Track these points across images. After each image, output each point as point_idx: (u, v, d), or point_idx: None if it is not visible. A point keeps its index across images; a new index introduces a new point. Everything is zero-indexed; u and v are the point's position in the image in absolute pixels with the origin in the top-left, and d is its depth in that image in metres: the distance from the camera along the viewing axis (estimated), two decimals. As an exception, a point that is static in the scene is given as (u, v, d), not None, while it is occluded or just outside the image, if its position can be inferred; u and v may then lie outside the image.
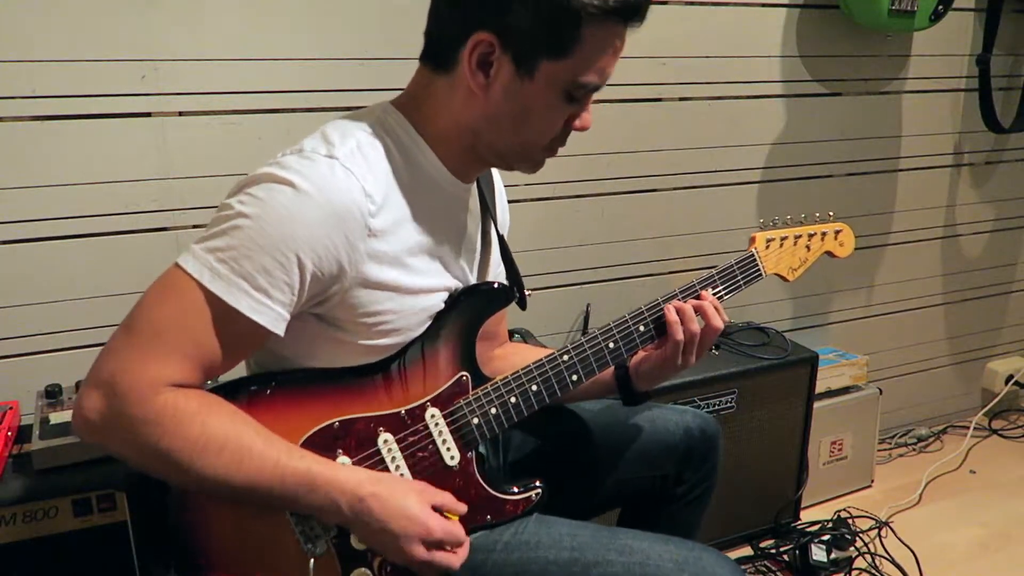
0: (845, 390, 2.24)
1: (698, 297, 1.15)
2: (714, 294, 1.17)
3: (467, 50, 0.93)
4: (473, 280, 1.14)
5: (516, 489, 1.09)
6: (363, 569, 1.00)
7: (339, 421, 0.99)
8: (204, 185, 1.59)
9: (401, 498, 0.94)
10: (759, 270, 1.22)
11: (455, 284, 1.08)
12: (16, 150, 1.46)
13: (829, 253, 1.30)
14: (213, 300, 0.87)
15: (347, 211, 0.91)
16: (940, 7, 2.08)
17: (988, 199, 2.59)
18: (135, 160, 1.54)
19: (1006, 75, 2.46)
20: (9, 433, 1.36)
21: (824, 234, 1.28)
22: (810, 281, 2.35)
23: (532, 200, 1.93)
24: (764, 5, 2.06)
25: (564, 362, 1.10)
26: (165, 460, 0.87)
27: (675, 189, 2.08)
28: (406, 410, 1.03)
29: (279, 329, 0.91)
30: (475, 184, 1.15)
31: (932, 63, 2.33)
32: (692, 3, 1.98)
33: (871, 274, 2.47)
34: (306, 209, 0.88)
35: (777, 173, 2.21)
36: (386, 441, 1.01)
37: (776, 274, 1.24)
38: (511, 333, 1.82)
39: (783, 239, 1.23)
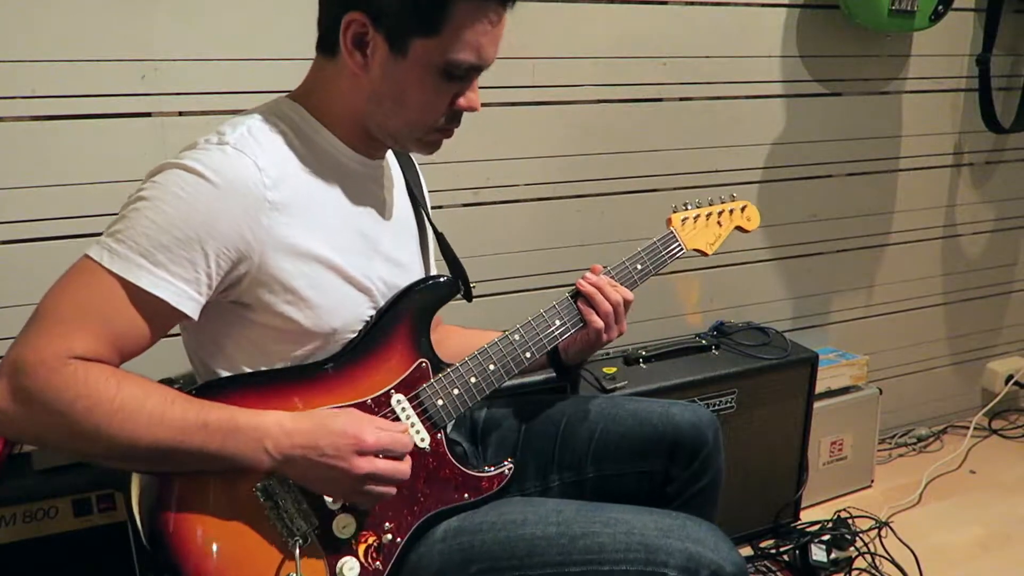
0: (845, 390, 2.24)
1: (628, 283, 1.26)
2: (641, 268, 1.29)
3: (342, 30, 0.96)
4: (419, 262, 1.19)
5: (490, 467, 1.14)
6: (348, 558, 1.00)
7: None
8: (204, 185, 1.59)
9: (327, 418, 0.95)
10: (680, 245, 1.35)
11: (384, 260, 1.10)
12: (16, 150, 1.46)
13: (739, 228, 1.44)
14: (115, 279, 0.88)
15: (243, 185, 0.93)
16: (940, 7, 2.08)
17: (988, 199, 2.59)
18: (135, 160, 1.54)
19: (1006, 75, 2.46)
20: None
21: (732, 211, 1.43)
22: (810, 281, 2.35)
23: (532, 200, 1.93)
24: (764, 5, 2.06)
25: (516, 342, 1.16)
26: (81, 424, 0.85)
27: (675, 189, 2.08)
28: (371, 398, 1.05)
29: (186, 307, 0.91)
30: (395, 168, 1.19)
31: (932, 63, 2.33)
32: (692, 3, 1.98)
33: (871, 274, 2.47)
34: (202, 189, 0.90)
35: (777, 173, 2.21)
36: (347, 408, 1.02)
37: (695, 249, 1.38)
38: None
39: (696, 217, 1.38)
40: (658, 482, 1.24)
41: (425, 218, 1.24)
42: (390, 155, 1.19)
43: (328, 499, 1.00)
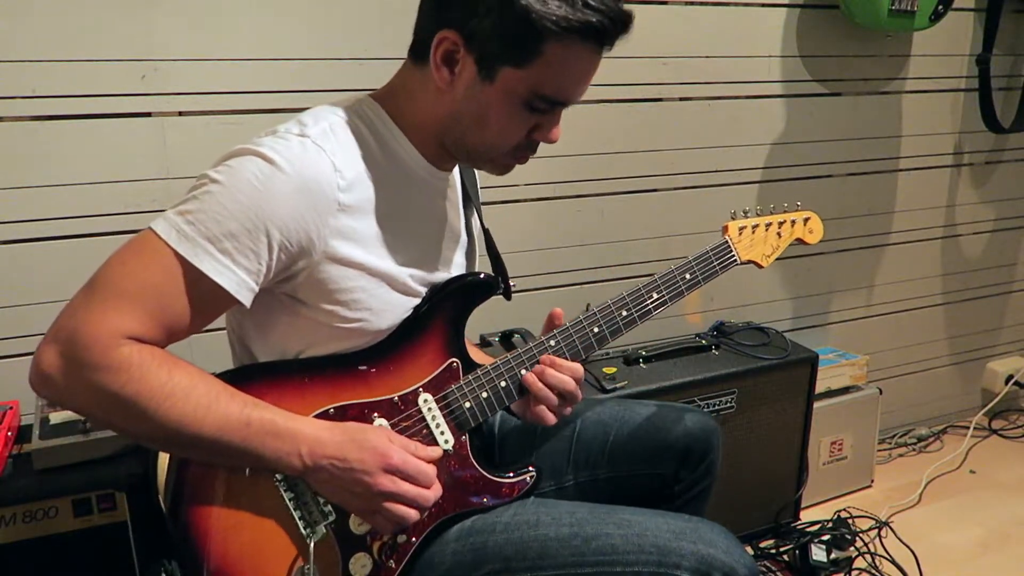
0: (845, 390, 2.24)
1: (674, 292, 1.19)
2: (691, 278, 1.20)
3: (434, 44, 0.96)
4: (461, 268, 1.17)
5: (511, 472, 1.12)
6: (362, 554, 1.01)
7: (334, 407, 1.00)
8: (204, 185, 1.59)
9: (358, 433, 0.96)
10: (734, 256, 1.26)
11: (435, 271, 1.09)
12: (16, 150, 1.46)
13: (800, 240, 1.34)
14: (178, 259, 0.89)
15: (316, 184, 0.93)
16: (940, 7, 2.08)
17: (988, 199, 2.59)
18: (135, 160, 1.54)
19: (1006, 75, 2.46)
20: (9, 433, 1.36)
21: (794, 222, 1.33)
22: (810, 281, 2.35)
23: (532, 200, 1.93)
24: (764, 5, 2.06)
25: (551, 347, 1.13)
26: (129, 406, 0.87)
27: (675, 189, 2.09)
28: (399, 396, 1.05)
29: (243, 296, 0.92)
30: (457, 176, 1.18)
31: (932, 63, 2.33)
32: (692, 3, 1.98)
33: (871, 274, 2.47)
34: (277, 180, 0.90)
35: (777, 173, 2.21)
36: (381, 426, 1.02)
37: (750, 260, 1.28)
38: (511, 333, 1.82)
39: (754, 227, 1.28)
40: (668, 483, 1.29)
41: (476, 219, 1.23)
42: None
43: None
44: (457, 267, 1.17)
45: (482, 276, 1.14)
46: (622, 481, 1.28)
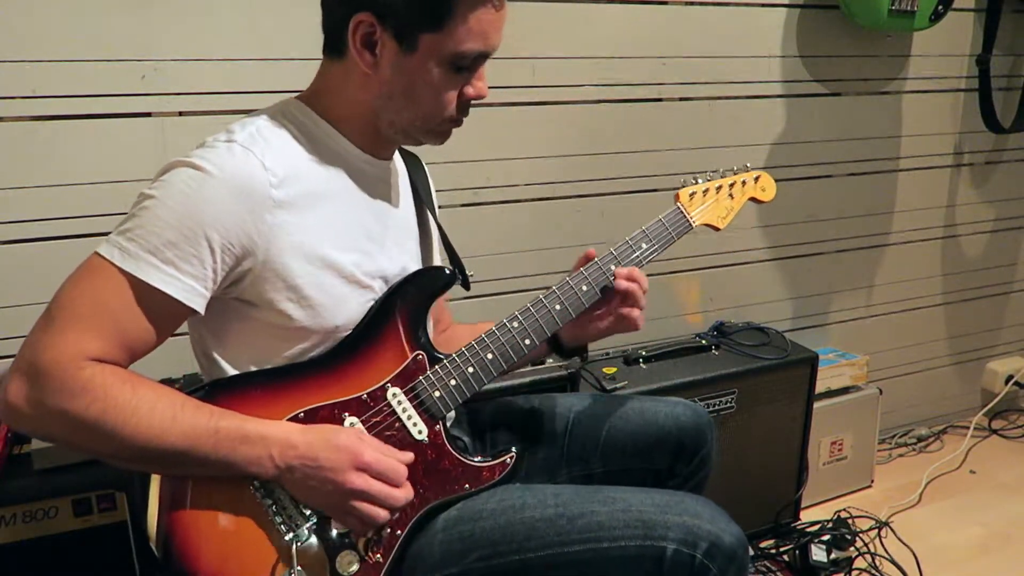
0: (845, 390, 2.24)
1: (632, 262, 1.23)
2: (647, 247, 1.24)
3: (350, 31, 0.98)
4: (417, 262, 1.18)
5: (490, 455, 1.12)
6: (348, 551, 1.01)
7: (304, 411, 1.01)
8: (204, 185, 1.59)
9: (329, 433, 0.97)
10: (687, 222, 1.28)
11: (385, 260, 1.10)
12: (16, 150, 1.46)
13: (753, 199, 1.35)
14: (125, 277, 0.90)
15: (248, 183, 0.94)
16: (940, 7, 2.08)
17: (988, 199, 2.59)
18: (135, 160, 1.54)
19: (1006, 75, 2.46)
20: (9, 433, 1.36)
21: (744, 182, 1.33)
22: (810, 281, 2.35)
23: (532, 200, 1.93)
24: (764, 5, 2.06)
25: (515, 328, 1.14)
26: (96, 427, 0.88)
27: (675, 189, 2.08)
28: (367, 393, 1.05)
29: (194, 303, 0.93)
30: (401, 168, 1.20)
31: (932, 63, 2.33)
32: (692, 3, 1.98)
33: (871, 274, 2.47)
34: (208, 186, 0.92)
35: (777, 173, 2.19)
36: (352, 424, 1.03)
37: (706, 224, 1.30)
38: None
39: (705, 191, 1.29)
40: (661, 477, 1.29)
41: (430, 217, 1.24)
42: (396, 156, 1.20)
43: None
44: (411, 255, 1.17)
45: (435, 268, 1.16)
46: (616, 476, 1.29)
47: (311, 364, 1.03)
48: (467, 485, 1.10)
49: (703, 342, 2.03)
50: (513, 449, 1.13)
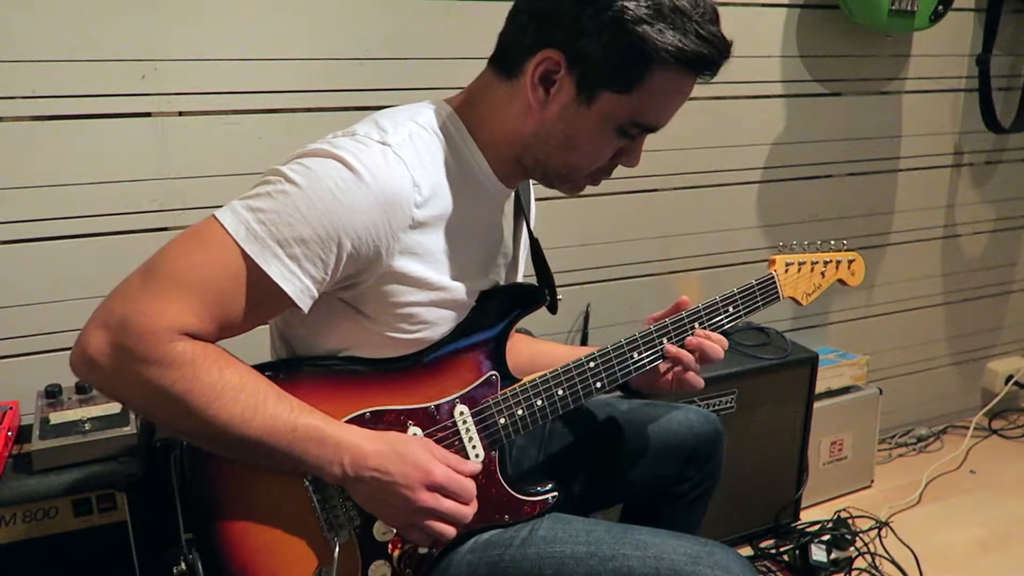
0: (845, 390, 2.24)
1: (715, 325, 1.19)
2: (733, 311, 1.20)
3: (534, 63, 0.93)
4: (502, 282, 1.15)
5: (534, 492, 1.10)
6: (381, 561, 1.00)
7: (370, 412, 1.00)
8: (204, 185, 1.58)
9: (398, 444, 0.95)
10: (777, 293, 1.25)
11: (487, 285, 1.08)
12: (16, 150, 1.46)
13: (841, 281, 1.35)
14: (244, 259, 0.87)
15: (396, 198, 0.91)
16: (940, 7, 2.08)
17: (988, 199, 2.59)
18: (135, 160, 1.54)
19: (1006, 75, 2.46)
20: (9, 433, 1.36)
21: (839, 263, 1.33)
22: (810, 281, 2.35)
23: (532, 200, 1.93)
24: (764, 5, 2.06)
25: (590, 369, 1.11)
26: (177, 403, 0.85)
27: (675, 189, 2.08)
28: (435, 405, 1.04)
29: (304, 303, 0.91)
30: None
31: (932, 63, 2.33)
32: (692, 3, 1.98)
33: (871, 274, 2.47)
34: (356, 190, 0.88)
35: (777, 173, 2.21)
36: (415, 434, 1.01)
37: (791, 297, 1.28)
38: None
39: (801, 264, 1.28)
40: (674, 482, 1.30)
41: (526, 230, 1.21)
42: None
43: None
44: (501, 279, 1.15)
45: (530, 286, 1.12)
46: (630, 484, 1.29)
47: (386, 364, 1.01)
48: (507, 516, 1.08)
49: (703, 342, 2.03)
50: (554, 490, 1.11)
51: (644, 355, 1.14)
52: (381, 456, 0.93)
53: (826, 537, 1.97)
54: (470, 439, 1.05)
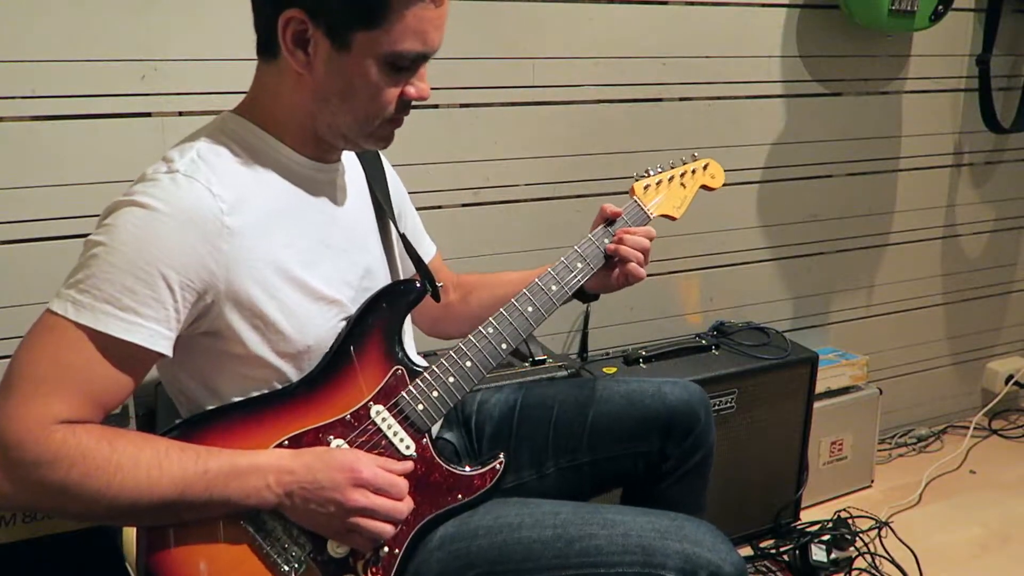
0: (845, 390, 2.24)
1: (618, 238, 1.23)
2: (608, 241, 1.24)
3: (281, 29, 0.93)
4: (382, 262, 1.16)
5: (479, 464, 1.11)
6: (347, 575, 0.99)
7: (288, 438, 0.99)
8: (204, 185, 1.58)
9: (323, 453, 0.96)
10: (645, 214, 1.29)
11: (349, 269, 1.07)
12: (16, 150, 1.46)
13: (705, 187, 1.38)
14: (83, 331, 0.86)
15: (198, 213, 0.91)
16: (940, 7, 2.08)
17: (988, 199, 2.59)
18: (135, 160, 1.52)
19: (1006, 75, 2.46)
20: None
21: (694, 171, 1.36)
22: (810, 281, 2.35)
23: (532, 200, 1.93)
24: (764, 5, 2.06)
25: (490, 334, 1.13)
26: (81, 490, 0.84)
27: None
28: (351, 413, 1.03)
29: (160, 346, 0.90)
30: (354, 164, 1.16)
31: (932, 63, 2.33)
32: (692, 3, 1.98)
33: (871, 274, 2.47)
34: (157, 223, 0.89)
35: (777, 173, 2.21)
36: (339, 447, 1.01)
37: (663, 215, 1.32)
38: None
39: (658, 183, 1.32)
40: (654, 461, 1.26)
41: (390, 220, 1.21)
42: (351, 156, 1.17)
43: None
44: (374, 256, 1.14)
45: (407, 283, 1.13)
46: (605, 464, 1.26)
47: (290, 390, 1.01)
48: (460, 495, 1.08)
49: (703, 342, 2.03)
50: (501, 455, 1.11)
51: (537, 306, 1.16)
52: (307, 467, 0.93)
53: (826, 537, 1.97)
54: (395, 434, 1.05)
